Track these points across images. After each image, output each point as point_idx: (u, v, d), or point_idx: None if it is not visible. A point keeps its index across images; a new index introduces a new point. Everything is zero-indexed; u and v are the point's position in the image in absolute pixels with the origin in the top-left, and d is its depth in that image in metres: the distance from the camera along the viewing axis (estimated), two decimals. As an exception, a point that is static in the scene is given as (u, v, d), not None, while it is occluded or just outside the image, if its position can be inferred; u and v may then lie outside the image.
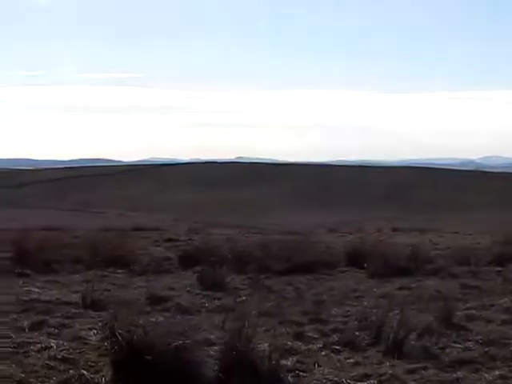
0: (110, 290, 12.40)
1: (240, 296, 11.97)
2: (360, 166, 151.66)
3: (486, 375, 7.30)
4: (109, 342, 7.36)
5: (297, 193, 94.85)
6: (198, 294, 12.25)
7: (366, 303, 11.37)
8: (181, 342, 7.05)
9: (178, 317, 9.39)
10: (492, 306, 11.23)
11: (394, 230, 37.14)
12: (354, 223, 42.21)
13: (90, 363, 7.45)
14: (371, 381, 7.06)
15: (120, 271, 14.59)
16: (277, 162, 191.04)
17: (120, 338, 6.99)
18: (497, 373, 7.36)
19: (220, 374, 6.83)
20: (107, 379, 6.90)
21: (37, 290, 12.06)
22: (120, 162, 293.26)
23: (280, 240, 18.50)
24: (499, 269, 15.46)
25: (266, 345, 7.40)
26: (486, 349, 8.30)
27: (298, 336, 8.91)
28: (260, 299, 11.64)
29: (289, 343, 8.34)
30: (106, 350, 7.58)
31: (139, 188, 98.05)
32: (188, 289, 12.72)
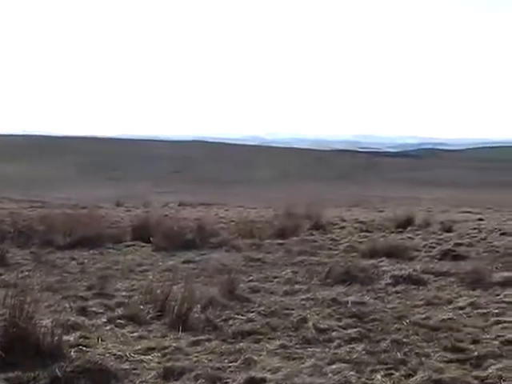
0: None
1: (22, 271, 11.65)
2: (149, 140, 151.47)
3: (268, 345, 7.47)
4: None
5: (84, 167, 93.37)
6: (-23, 270, 11.82)
7: (151, 277, 11.39)
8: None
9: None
10: (275, 277, 11.55)
11: (181, 204, 37.58)
12: (142, 198, 42.10)
13: None
14: (155, 354, 7.06)
15: None
16: (63, 135, 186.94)
17: None
18: (278, 342, 7.55)
19: (0, 352, 6.60)
20: None
21: None
22: None
23: (65, 214, 18.19)
24: (281, 241, 15.94)
25: (49, 320, 7.24)
26: (268, 319, 8.51)
27: (82, 311, 8.78)
28: (43, 274, 11.40)
29: (72, 318, 8.18)
30: None
31: None
32: (-33, 265, 12.25)
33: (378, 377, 6.42)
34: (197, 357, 7.00)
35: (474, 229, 19.56)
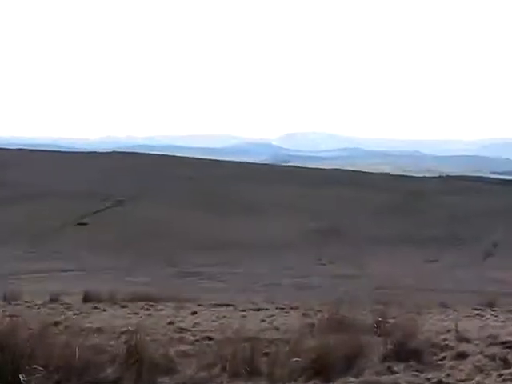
0: None
1: None
2: (26, 150, 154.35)
3: None
4: None
5: None
6: None
7: None
8: None
9: None
10: None
11: (89, 298, 36.87)
12: (3, 280, 42.17)
13: None
14: None
15: None
16: None
17: None
18: None
19: None
20: None
21: None
22: None
23: None
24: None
25: None
26: None
27: None
28: None
29: None
30: None
31: None
32: None
33: None
34: None
35: None
